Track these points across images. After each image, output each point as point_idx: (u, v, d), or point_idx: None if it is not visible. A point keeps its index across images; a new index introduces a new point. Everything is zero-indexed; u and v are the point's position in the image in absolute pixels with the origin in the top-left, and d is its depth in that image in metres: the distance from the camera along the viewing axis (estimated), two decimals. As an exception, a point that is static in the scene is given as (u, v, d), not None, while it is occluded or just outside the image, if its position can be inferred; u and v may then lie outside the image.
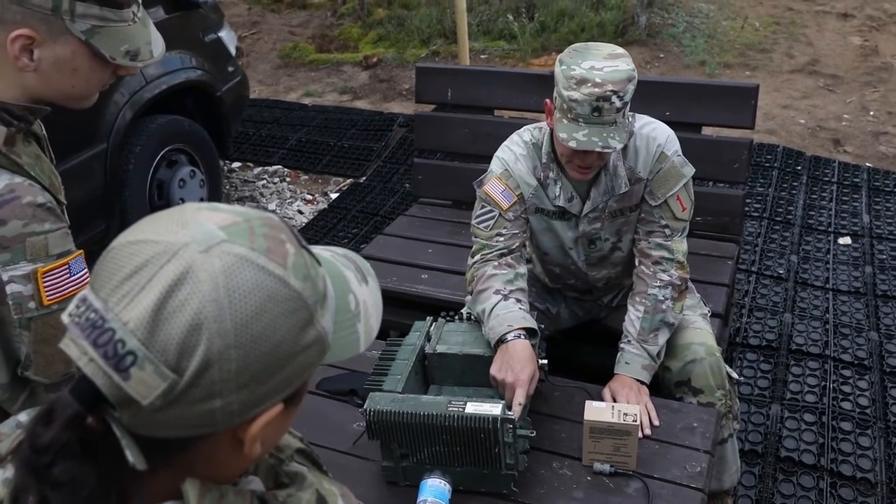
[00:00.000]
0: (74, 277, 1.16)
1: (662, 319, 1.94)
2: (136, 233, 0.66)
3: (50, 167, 1.22)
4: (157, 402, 0.61)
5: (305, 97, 5.95)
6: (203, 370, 0.61)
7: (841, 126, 4.96)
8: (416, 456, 1.62)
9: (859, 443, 2.52)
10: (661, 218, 1.98)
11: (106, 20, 1.14)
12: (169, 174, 3.67)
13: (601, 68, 1.74)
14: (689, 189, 2.00)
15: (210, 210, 0.67)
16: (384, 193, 4.44)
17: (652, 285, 1.96)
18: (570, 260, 2.14)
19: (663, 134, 1.96)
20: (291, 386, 0.68)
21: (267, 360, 0.64)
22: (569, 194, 1.99)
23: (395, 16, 7.12)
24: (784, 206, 4.02)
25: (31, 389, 1.20)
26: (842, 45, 6.38)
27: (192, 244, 0.63)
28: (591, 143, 1.75)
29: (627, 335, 1.95)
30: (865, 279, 3.41)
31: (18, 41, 1.10)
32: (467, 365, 1.81)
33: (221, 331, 0.61)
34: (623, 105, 1.75)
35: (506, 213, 1.98)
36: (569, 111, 1.76)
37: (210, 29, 3.96)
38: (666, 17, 6.79)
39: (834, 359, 2.90)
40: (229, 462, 0.71)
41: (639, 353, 1.92)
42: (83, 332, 0.62)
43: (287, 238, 0.68)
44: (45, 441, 0.63)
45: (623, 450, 1.64)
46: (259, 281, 0.63)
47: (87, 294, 0.64)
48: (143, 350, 0.60)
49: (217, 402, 0.62)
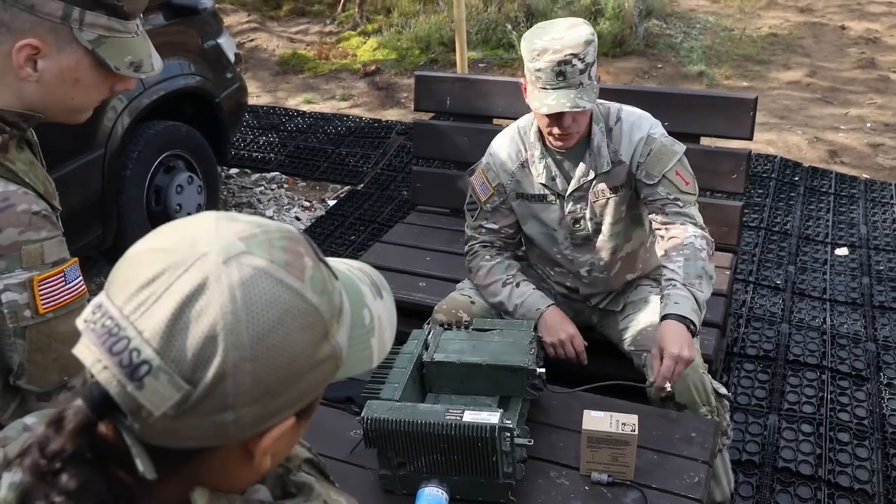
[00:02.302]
0: (70, 285, 1.16)
1: (704, 268, 1.92)
2: (153, 240, 0.65)
3: (44, 173, 1.22)
4: (170, 412, 0.60)
5: (304, 104, 5.95)
6: (218, 382, 0.60)
7: (838, 137, 4.98)
8: (414, 464, 1.61)
9: (857, 454, 2.51)
10: (668, 194, 2.02)
11: (112, 31, 1.14)
12: (167, 180, 3.67)
13: (560, 37, 1.86)
14: (685, 165, 2.04)
15: (228, 220, 0.67)
16: (382, 201, 4.44)
17: (686, 237, 1.97)
18: (555, 247, 2.19)
19: (648, 121, 2.06)
20: (304, 400, 0.67)
21: (282, 373, 0.63)
22: (552, 173, 2.07)
23: (394, 24, 7.14)
24: (781, 217, 4.03)
25: (21, 398, 1.20)
26: (839, 56, 6.41)
27: (211, 254, 0.62)
28: (560, 104, 1.85)
29: (672, 281, 1.91)
30: (863, 290, 3.41)
31: (24, 50, 1.10)
32: (465, 373, 1.81)
33: (238, 343, 0.60)
34: (586, 66, 1.86)
35: (484, 205, 2.17)
36: (537, 81, 1.88)
37: (209, 35, 3.96)
38: (664, 28, 6.81)
39: (831, 369, 2.90)
40: (239, 473, 0.70)
41: (686, 295, 1.87)
42: (98, 339, 0.61)
43: (305, 251, 0.68)
44: (56, 447, 0.62)
45: (621, 459, 1.63)
46: (277, 294, 0.63)
47: (103, 300, 0.63)
48: (158, 360, 0.60)
49: (230, 415, 0.62)
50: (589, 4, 6.96)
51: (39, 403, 1.18)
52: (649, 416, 1.82)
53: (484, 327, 1.91)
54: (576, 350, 2.07)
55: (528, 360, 1.76)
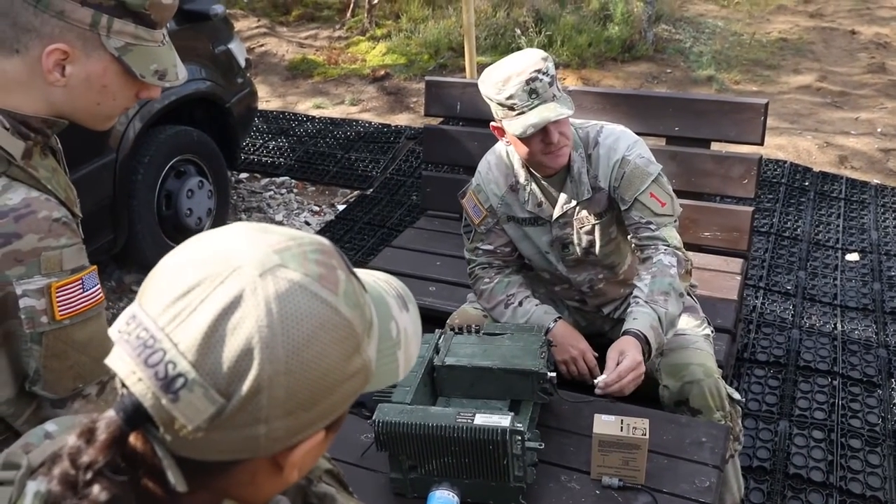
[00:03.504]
0: (87, 293, 1.16)
1: (671, 284, 1.89)
2: (187, 252, 0.65)
3: (66, 181, 1.23)
4: (204, 425, 0.60)
5: (313, 109, 5.97)
6: (252, 396, 0.60)
7: (848, 142, 4.96)
8: (425, 468, 1.61)
9: (868, 461, 2.50)
10: (640, 217, 1.99)
11: (139, 38, 1.16)
12: (177, 184, 3.69)
13: (516, 62, 1.86)
14: (661, 184, 2.00)
15: (262, 232, 0.67)
16: (391, 205, 4.45)
17: (656, 255, 1.95)
18: (551, 265, 2.18)
19: (625, 143, 2.02)
20: (335, 413, 0.67)
21: (314, 387, 0.63)
22: (538, 199, 2.06)
23: (403, 29, 7.16)
24: (792, 222, 4.02)
25: (36, 404, 1.20)
26: (849, 61, 6.39)
27: (247, 267, 0.62)
28: (544, 118, 1.83)
29: (636, 299, 1.90)
30: (874, 296, 3.40)
31: (54, 55, 1.11)
32: (476, 377, 1.81)
33: (273, 357, 0.60)
34: (552, 79, 1.85)
35: (478, 228, 2.16)
36: (511, 110, 1.86)
37: (220, 41, 3.98)
38: (673, 33, 6.81)
39: (842, 375, 2.89)
40: (266, 485, 0.70)
41: (647, 311, 1.86)
42: (134, 351, 0.61)
43: (338, 264, 0.68)
44: (88, 459, 0.62)
45: (632, 464, 1.63)
46: (312, 308, 0.63)
47: (137, 311, 0.63)
48: (194, 373, 0.59)
49: (262, 428, 0.61)
50: (598, 9, 6.97)
51: (54, 410, 1.18)
52: (660, 420, 1.82)
53: (494, 331, 1.91)
54: (588, 366, 2.06)
55: (539, 364, 1.76)
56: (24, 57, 1.12)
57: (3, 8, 1.09)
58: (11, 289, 1.08)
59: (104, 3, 1.11)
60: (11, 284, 1.08)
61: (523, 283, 2.20)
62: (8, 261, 1.08)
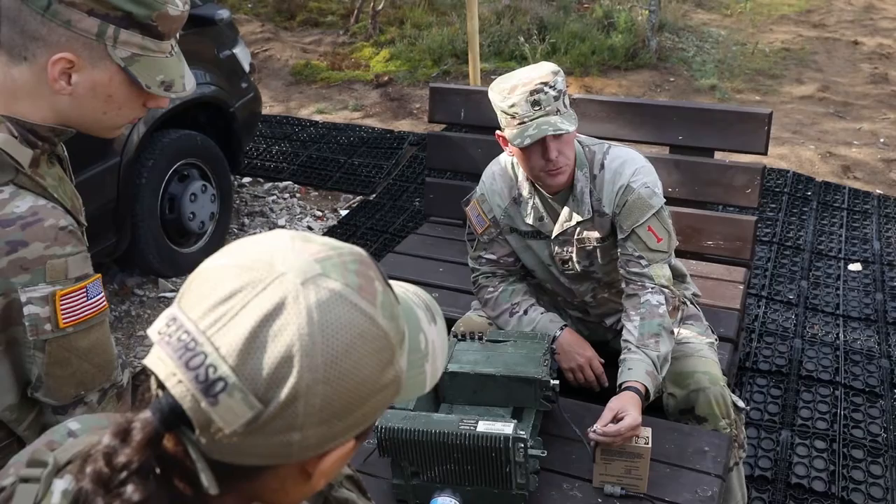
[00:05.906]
0: (91, 301, 1.17)
1: (661, 324, 1.88)
2: (229, 256, 0.66)
3: (72, 189, 1.23)
4: (240, 429, 0.61)
5: (317, 114, 5.98)
6: (290, 403, 0.61)
7: (851, 152, 4.97)
8: (427, 474, 1.61)
9: (871, 471, 2.49)
10: (633, 250, 1.96)
11: (145, 49, 1.16)
12: (181, 188, 3.69)
13: (527, 74, 1.87)
14: (662, 219, 1.97)
15: (304, 241, 0.67)
16: (394, 211, 4.45)
17: (643, 294, 1.93)
18: (553, 276, 2.17)
19: (630, 168, 1.97)
20: (366, 423, 0.67)
21: (349, 397, 0.63)
22: (539, 214, 2.05)
23: (407, 35, 7.18)
24: (794, 232, 4.02)
25: (38, 410, 1.20)
26: (852, 71, 6.40)
27: (289, 274, 0.63)
28: (542, 130, 1.82)
29: (627, 345, 1.89)
30: (876, 306, 3.39)
31: (59, 64, 1.11)
32: (479, 384, 1.81)
33: (312, 365, 0.61)
34: (559, 93, 1.84)
35: (481, 237, 2.16)
36: (513, 119, 1.86)
37: (225, 45, 3.99)
38: (676, 41, 6.83)
39: (845, 385, 2.88)
40: (295, 492, 0.71)
41: (640, 358, 1.84)
42: (175, 353, 0.62)
43: (375, 275, 0.68)
44: (123, 459, 0.62)
45: (634, 472, 1.63)
46: (351, 318, 0.63)
47: (177, 314, 0.63)
48: (234, 377, 0.60)
49: (296, 436, 0.62)
50: (601, 17, 6.99)
51: (56, 416, 1.19)
52: (663, 429, 1.82)
53: (498, 338, 1.91)
54: (595, 373, 2.06)
55: (542, 371, 1.76)
56: (31, 65, 1.12)
57: (11, 15, 1.10)
58: (16, 296, 1.08)
59: (111, 14, 1.11)
60: (16, 292, 1.08)
61: (528, 290, 2.20)
62: (14, 268, 1.08)
